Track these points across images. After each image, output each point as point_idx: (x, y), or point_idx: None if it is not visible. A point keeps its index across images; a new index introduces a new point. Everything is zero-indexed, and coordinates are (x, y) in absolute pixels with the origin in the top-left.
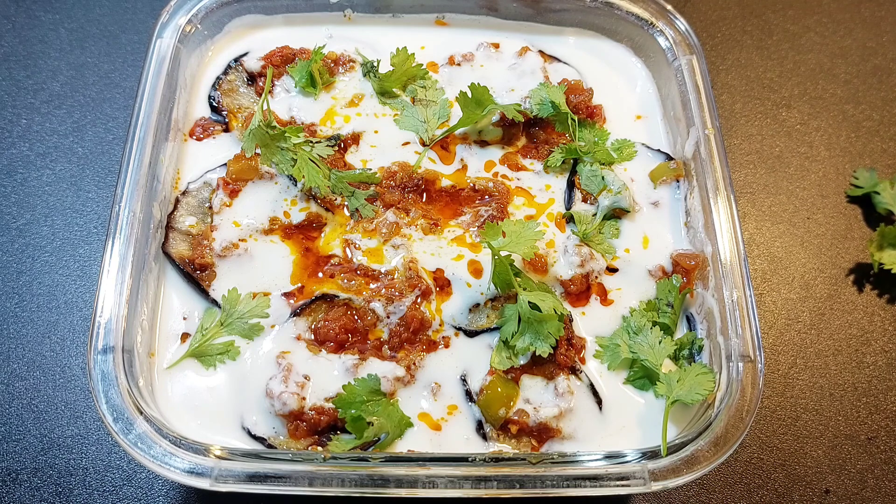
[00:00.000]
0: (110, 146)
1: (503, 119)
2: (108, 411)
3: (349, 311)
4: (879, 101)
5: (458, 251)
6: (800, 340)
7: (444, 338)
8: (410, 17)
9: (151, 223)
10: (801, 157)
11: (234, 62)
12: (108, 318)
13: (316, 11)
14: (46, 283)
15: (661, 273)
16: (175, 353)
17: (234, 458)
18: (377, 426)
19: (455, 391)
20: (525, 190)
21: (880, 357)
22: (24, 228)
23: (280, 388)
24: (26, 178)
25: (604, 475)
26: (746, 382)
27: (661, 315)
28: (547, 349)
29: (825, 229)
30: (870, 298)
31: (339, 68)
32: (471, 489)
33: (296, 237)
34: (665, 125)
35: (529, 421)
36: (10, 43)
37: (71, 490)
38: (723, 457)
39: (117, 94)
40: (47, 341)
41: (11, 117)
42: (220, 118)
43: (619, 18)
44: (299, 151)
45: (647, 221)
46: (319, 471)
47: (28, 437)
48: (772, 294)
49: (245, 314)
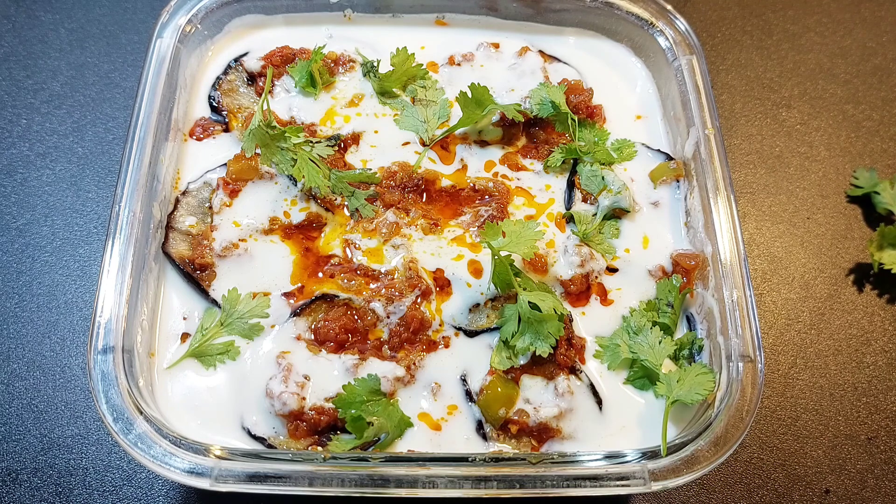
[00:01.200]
0: (110, 146)
1: (503, 119)
2: (108, 411)
3: (349, 311)
4: (879, 101)
5: (458, 251)
6: (800, 340)
7: (444, 338)
8: (410, 17)
9: (151, 223)
10: (801, 157)
11: (234, 62)
12: (108, 318)
13: (316, 11)
14: (46, 283)
15: (661, 273)
16: (175, 353)
17: (234, 458)
18: (377, 426)
19: (455, 391)
20: (525, 190)
21: (880, 357)
22: (24, 228)
23: (280, 388)
24: (26, 178)
25: (604, 475)
26: (746, 382)
27: (661, 315)
28: (547, 349)
29: (825, 229)
30: (870, 298)
31: (339, 68)
32: (471, 489)
33: (296, 237)
34: (665, 125)
35: (529, 421)
36: (10, 43)
37: (71, 490)
38: (723, 457)
39: (117, 94)
40: (47, 341)
41: (11, 117)
42: (220, 118)
43: (619, 18)
44: (299, 151)
45: (647, 221)
46: (319, 471)
47: (28, 437)
48: (772, 294)
49: (245, 314)
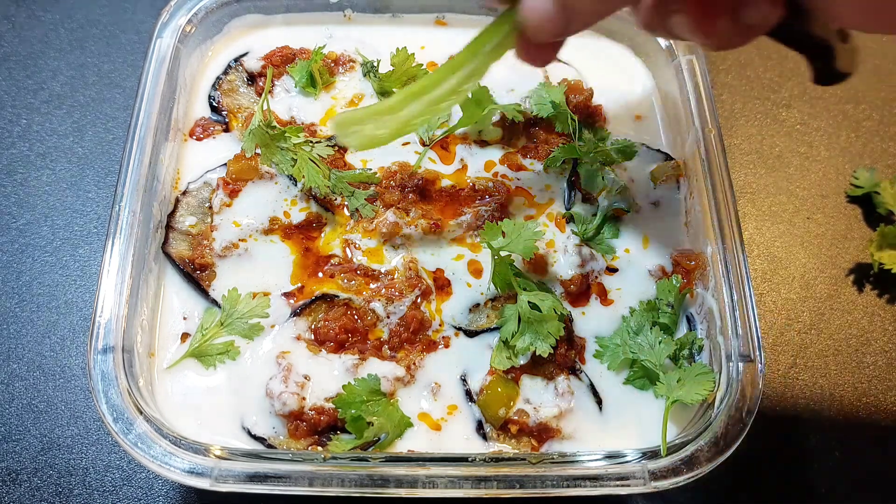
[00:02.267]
0: (110, 146)
1: (503, 119)
2: (108, 411)
3: (349, 311)
4: (879, 101)
5: (458, 251)
6: (800, 340)
7: (444, 338)
8: (410, 17)
9: (151, 223)
10: (801, 157)
11: (234, 62)
12: (108, 318)
13: (316, 11)
14: (46, 283)
15: (661, 273)
16: (175, 353)
17: (234, 458)
18: (377, 426)
19: (455, 391)
20: (525, 190)
21: (880, 357)
22: (24, 228)
23: (280, 388)
24: (26, 178)
25: (604, 475)
26: (746, 382)
27: (661, 315)
28: (547, 349)
29: (825, 229)
30: (870, 298)
31: (339, 68)
32: (471, 489)
33: (296, 237)
34: (665, 125)
35: (529, 421)
36: (10, 43)
37: (71, 490)
38: (723, 457)
39: (117, 94)
40: (47, 341)
41: (11, 117)
42: (220, 118)
43: (619, 18)
44: (299, 151)
45: (647, 221)
46: (319, 471)
47: (28, 437)
48: (772, 294)
49: (245, 314)
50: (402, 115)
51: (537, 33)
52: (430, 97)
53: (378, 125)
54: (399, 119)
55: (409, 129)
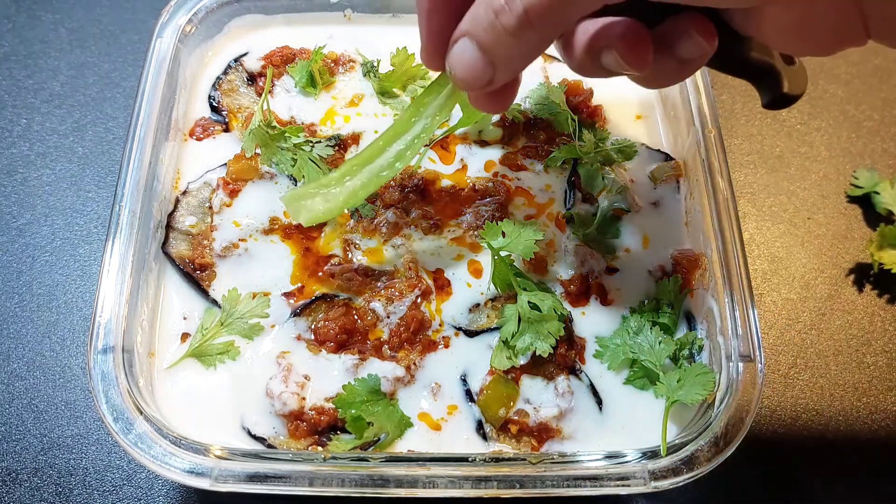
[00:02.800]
0: (110, 146)
1: (503, 119)
2: (108, 411)
3: (349, 311)
4: (880, 101)
5: (458, 251)
6: (800, 340)
7: (444, 338)
8: (410, 17)
9: (151, 223)
10: (802, 157)
11: (234, 62)
12: (108, 318)
13: (316, 11)
14: (46, 283)
15: (661, 273)
16: (175, 353)
17: (234, 458)
18: (377, 426)
19: (455, 391)
20: (525, 190)
21: (880, 357)
22: (24, 228)
23: (280, 388)
24: (26, 178)
25: (604, 475)
26: (746, 382)
27: (661, 315)
28: (547, 349)
29: (825, 229)
30: (870, 298)
31: (339, 68)
32: (471, 489)
33: (296, 237)
34: (665, 125)
35: (529, 421)
36: (10, 43)
37: (71, 490)
38: (723, 457)
39: (117, 94)
40: (47, 341)
41: (11, 117)
42: (220, 118)
43: None
44: (299, 151)
45: (647, 221)
46: (319, 471)
47: (28, 437)
48: (772, 294)
49: (245, 314)
50: (349, 187)
51: (467, 85)
52: (374, 166)
53: (326, 198)
54: (346, 190)
55: (357, 200)
